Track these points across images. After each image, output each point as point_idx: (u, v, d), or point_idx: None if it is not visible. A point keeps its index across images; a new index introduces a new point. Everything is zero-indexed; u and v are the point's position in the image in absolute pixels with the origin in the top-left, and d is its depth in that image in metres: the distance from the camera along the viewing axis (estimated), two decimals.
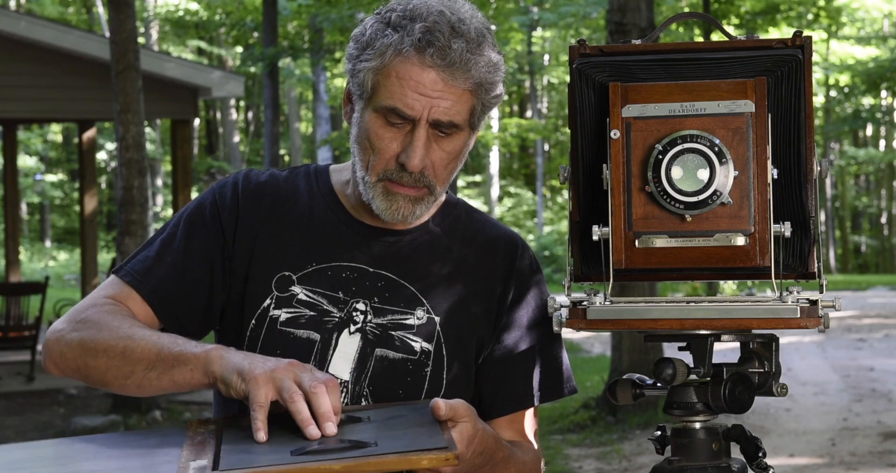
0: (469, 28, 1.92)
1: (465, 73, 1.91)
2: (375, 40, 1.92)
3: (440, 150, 1.95)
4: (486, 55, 1.92)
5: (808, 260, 1.77)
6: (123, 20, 10.30)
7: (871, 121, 39.02)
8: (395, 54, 1.91)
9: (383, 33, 1.92)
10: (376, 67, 1.92)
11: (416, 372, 2.00)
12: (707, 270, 1.75)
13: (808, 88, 1.76)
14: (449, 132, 1.94)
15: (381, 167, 1.94)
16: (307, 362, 1.92)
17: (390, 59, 1.91)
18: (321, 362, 1.98)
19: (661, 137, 1.71)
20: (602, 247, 1.74)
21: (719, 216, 1.70)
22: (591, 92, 1.79)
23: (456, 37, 1.90)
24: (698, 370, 1.77)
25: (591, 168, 1.77)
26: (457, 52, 1.89)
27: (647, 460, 8.69)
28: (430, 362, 2.00)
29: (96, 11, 33.94)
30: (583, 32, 27.65)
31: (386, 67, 1.91)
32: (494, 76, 1.94)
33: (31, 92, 14.26)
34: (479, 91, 1.93)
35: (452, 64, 1.90)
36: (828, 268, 35.50)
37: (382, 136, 1.93)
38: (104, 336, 1.92)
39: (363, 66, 1.93)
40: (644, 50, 1.82)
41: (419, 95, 1.90)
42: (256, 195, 2.04)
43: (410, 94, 1.90)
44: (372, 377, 1.99)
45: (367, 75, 1.93)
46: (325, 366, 1.98)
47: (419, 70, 1.90)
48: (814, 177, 1.77)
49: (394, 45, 1.90)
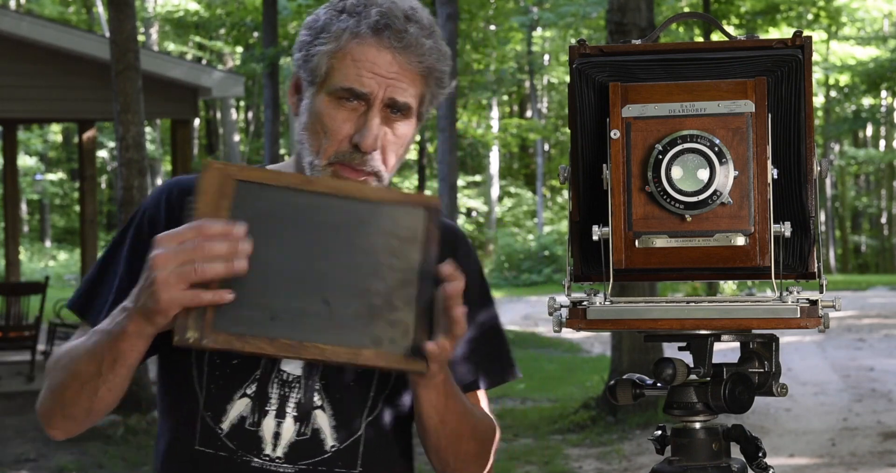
0: (421, 16, 1.97)
1: (420, 56, 1.94)
2: (331, 25, 1.95)
3: (391, 133, 1.96)
4: (438, 43, 1.97)
5: (808, 260, 1.77)
6: (123, 20, 10.30)
7: (871, 121, 39.04)
8: (351, 37, 1.93)
9: (338, 19, 1.95)
10: (331, 50, 1.94)
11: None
12: (707, 270, 1.75)
13: (808, 88, 1.76)
14: (403, 114, 1.96)
15: (333, 150, 1.95)
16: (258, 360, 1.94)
17: (346, 42, 1.94)
18: (273, 360, 1.97)
19: (661, 137, 1.71)
20: (602, 247, 1.74)
21: (719, 216, 1.70)
22: (591, 92, 1.78)
23: (410, 22, 1.94)
24: (698, 370, 1.77)
25: (591, 168, 1.77)
26: (412, 36, 1.93)
27: (647, 460, 8.69)
28: None
29: (96, 11, 33.94)
30: (583, 32, 27.67)
31: (342, 49, 1.94)
32: (444, 66, 1.98)
33: (31, 92, 14.26)
34: (429, 78, 1.97)
35: (408, 46, 1.93)
36: (828, 268, 35.50)
37: (335, 117, 1.94)
38: (60, 374, 1.93)
39: (318, 50, 1.95)
40: (644, 50, 1.82)
41: (375, 75, 1.93)
42: (177, 195, 2.02)
43: (366, 74, 1.93)
44: (324, 371, 1.98)
45: (322, 59, 1.94)
46: (278, 363, 1.97)
47: (375, 51, 1.93)
48: (814, 177, 1.77)
49: (349, 29, 1.93)
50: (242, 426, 1.95)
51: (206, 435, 1.97)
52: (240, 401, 1.96)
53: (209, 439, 1.97)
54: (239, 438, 1.95)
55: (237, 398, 1.96)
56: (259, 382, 1.96)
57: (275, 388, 1.96)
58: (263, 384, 1.96)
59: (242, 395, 1.96)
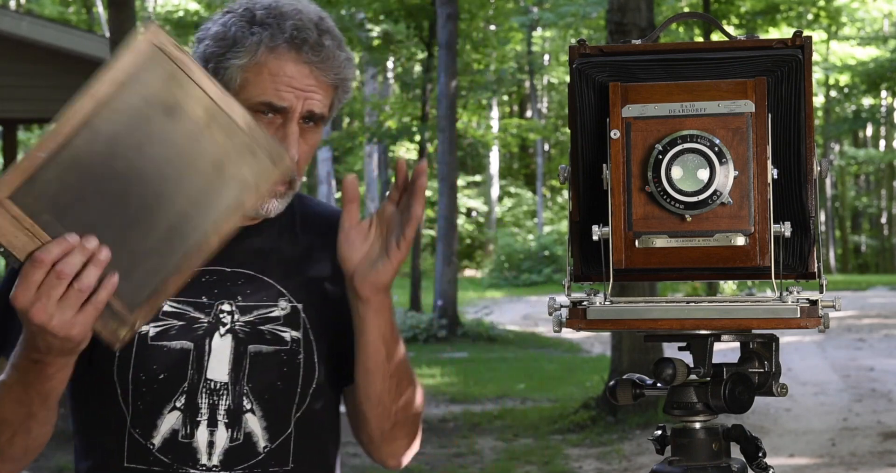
0: (330, 24, 1.99)
1: (335, 69, 1.96)
2: (244, 38, 1.94)
3: (304, 143, 1.98)
4: (347, 52, 1.99)
5: (808, 260, 1.77)
6: (123, 20, 10.30)
7: (871, 121, 39.04)
8: (267, 51, 1.93)
9: (250, 31, 1.94)
10: (246, 64, 1.93)
11: (290, 362, 2.00)
12: (707, 270, 1.75)
13: (808, 88, 1.76)
14: (317, 124, 1.98)
15: None
16: (185, 372, 1.94)
17: (262, 55, 1.93)
18: (199, 369, 1.96)
19: (661, 137, 1.71)
20: (602, 247, 1.73)
21: (719, 216, 1.70)
22: (591, 92, 1.78)
23: (323, 34, 1.96)
24: (698, 370, 1.77)
25: (591, 168, 1.77)
26: (328, 49, 1.95)
27: (647, 460, 8.69)
28: (301, 349, 2.01)
29: (96, 11, 33.96)
30: (583, 32, 27.66)
31: (257, 63, 1.93)
32: (351, 73, 2.01)
33: (31, 92, 14.25)
34: (340, 88, 1.99)
35: (325, 60, 1.95)
36: (828, 268, 35.50)
37: None
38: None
39: (231, 63, 1.93)
40: (644, 50, 1.82)
41: (293, 88, 1.94)
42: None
43: (284, 88, 1.93)
44: (249, 374, 1.98)
45: (236, 72, 1.93)
46: (204, 372, 1.97)
47: (293, 65, 1.94)
48: (814, 177, 1.77)
49: (264, 43, 1.93)
50: (175, 439, 1.96)
51: (135, 452, 1.96)
52: (170, 415, 1.96)
53: (139, 455, 1.96)
54: (173, 451, 1.96)
55: (167, 412, 1.96)
56: (187, 393, 1.96)
57: (204, 397, 1.97)
58: (192, 394, 1.96)
59: (172, 408, 1.96)
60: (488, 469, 8.88)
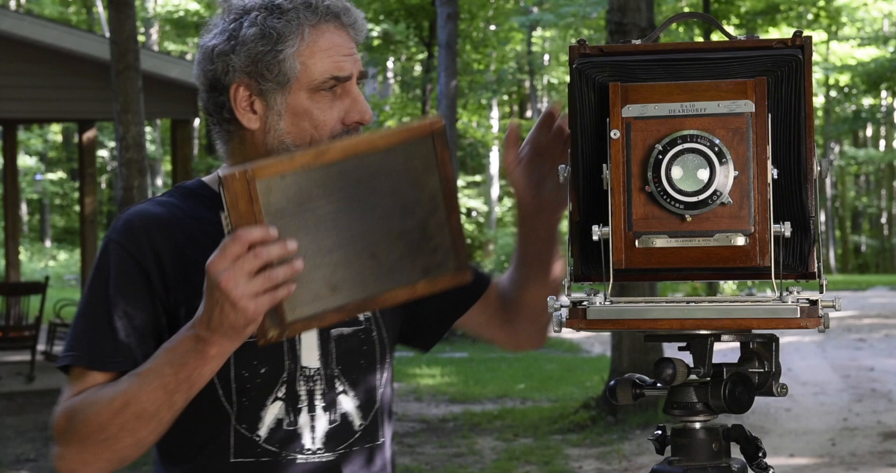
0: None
1: (362, 27, 2.07)
2: (285, 28, 2.00)
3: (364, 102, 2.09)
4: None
5: (808, 260, 1.77)
6: (123, 20, 10.30)
7: (871, 121, 39.03)
8: (312, 30, 2.01)
9: (286, 19, 2.00)
10: (298, 49, 2.00)
11: (367, 340, 2.11)
12: (707, 270, 1.75)
13: (808, 88, 1.76)
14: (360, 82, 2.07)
15: (325, 136, 2.01)
16: (283, 363, 2.02)
17: (309, 35, 2.00)
18: (294, 358, 2.03)
19: (661, 137, 1.71)
20: (602, 247, 1.73)
21: (719, 216, 1.70)
22: (591, 92, 1.78)
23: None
24: (698, 370, 1.77)
25: (591, 168, 1.77)
26: (354, 10, 2.05)
27: (647, 460, 8.69)
28: (374, 326, 2.12)
29: (96, 11, 33.94)
30: (583, 32, 27.68)
31: (308, 44, 2.00)
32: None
33: (31, 92, 14.26)
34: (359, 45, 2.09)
35: (356, 21, 2.05)
36: (828, 268, 35.50)
37: (323, 107, 2.01)
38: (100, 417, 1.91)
39: (285, 55, 1.99)
40: (644, 50, 1.82)
41: (344, 56, 2.02)
42: (164, 228, 2.02)
43: (340, 58, 2.01)
44: (337, 357, 2.07)
45: (293, 61, 2.00)
46: (298, 361, 2.04)
47: (337, 35, 2.02)
48: (814, 177, 1.76)
49: (307, 23, 2.01)
50: (280, 427, 2.03)
51: (242, 446, 2.03)
52: (273, 405, 2.03)
53: (246, 449, 2.03)
54: (280, 440, 2.03)
55: (270, 404, 2.03)
56: (287, 383, 2.03)
57: (301, 384, 2.04)
58: (291, 383, 2.04)
59: (275, 399, 2.03)
60: (488, 469, 8.88)
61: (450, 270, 1.93)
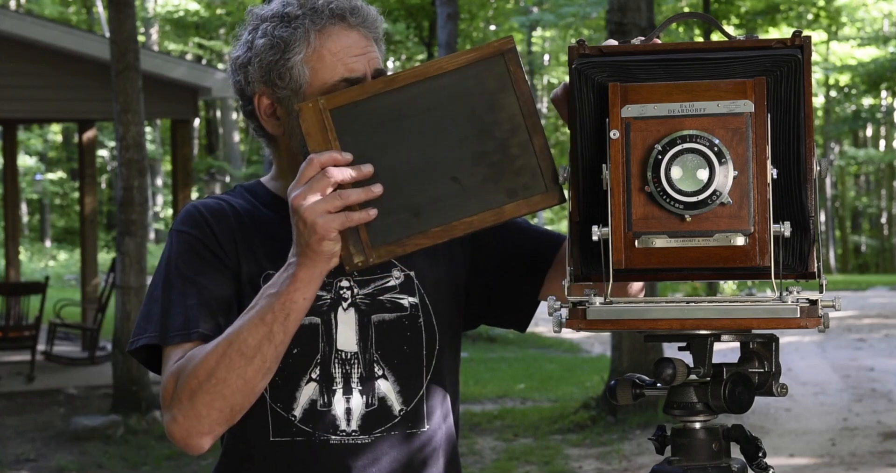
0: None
1: (375, 23, 2.08)
2: (292, 36, 2.03)
3: None
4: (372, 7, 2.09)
5: (807, 260, 1.77)
6: (123, 20, 10.30)
7: (871, 121, 39.03)
8: (318, 35, 2.03)
9: (293, 27, 2.03)
10: (306, 56, 2.03)
11: (412, 326, 2.12)
12: (707, 270, 1.75)
13: (807, 88, 1.76)
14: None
15: None
16: (317, 345, 2.05)
17: (315, 40, 2.03)
18: (329, 341, 2.07)
19: (661, 137, 1.71)
20: (602, 247, 1.74)
21: (719, 216, 1.70)
22: (590, 92, 1.79)
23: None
24: (698, 370, 1.77)
25: (591, 168, 1.77)
26: (363, 8, 2.06)
27: (647, 460, 8.70)
28: (421, 313, 2.13)
29: (96, 11, 33.95)
30: (583, 32, 27.67)
31: (316, 49, 2.03)
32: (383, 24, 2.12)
33: (31, 92, 14.25)
34: (380, 39, 2.10)
35: (366, 19, 2.06)
36: (828, 268, 35.50)
37: None
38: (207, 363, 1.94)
39: (294, 62, 2.02)
40: (644, 50, 1.82)
41: (355, 56, 2.03)
42: (219, 216, 2.10)
43: (350, 59, 2.03)
44: (377, 342, 2.09)
45: (302, 68, 2.03)
46: (334, 344, 2.07)
47: (346, 36, 2.04)
48: (814, 177, 1.77)
49: (312, 29, 2.03)
50: (315, 408, 2.07)
51: (279, 425, 2.07)
52: (307, 386, 2.07)
53: (283, 428, 2.07)
54: (314, 420, 2.07)
55: (304, 384, 2.06)
56: (321, 365, 2.07)
57: (336, 367, 2.07)
58: (326, 365, 2.07)
59: (309, 380, 2.07)
60: (488, 469, 8.88)
61: (537, 192, 1.90)
